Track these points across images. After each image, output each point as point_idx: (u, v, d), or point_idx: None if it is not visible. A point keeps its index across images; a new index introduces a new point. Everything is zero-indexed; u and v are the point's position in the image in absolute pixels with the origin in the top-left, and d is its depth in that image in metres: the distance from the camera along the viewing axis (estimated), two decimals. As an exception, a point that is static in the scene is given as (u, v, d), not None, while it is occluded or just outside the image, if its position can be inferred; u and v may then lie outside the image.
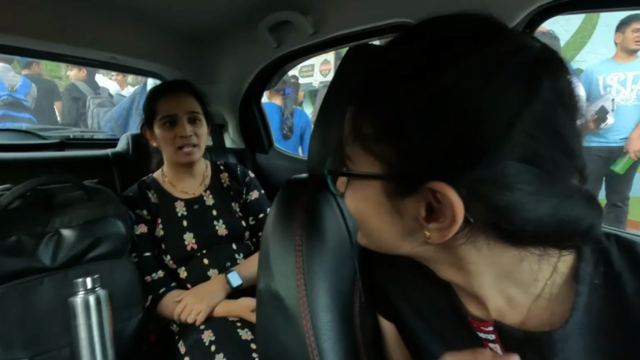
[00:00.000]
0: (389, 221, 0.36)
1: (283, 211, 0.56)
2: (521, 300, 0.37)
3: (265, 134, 1.63)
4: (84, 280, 0.79)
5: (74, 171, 1.11)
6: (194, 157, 1.09)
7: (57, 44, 1.13)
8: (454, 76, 0.29)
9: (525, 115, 0.28)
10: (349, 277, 0.54)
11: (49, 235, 0.85)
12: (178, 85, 1.13)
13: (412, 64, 0.31)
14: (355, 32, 1.01)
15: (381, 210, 0.36)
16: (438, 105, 0.29)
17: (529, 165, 0.29)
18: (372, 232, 0.39)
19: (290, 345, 0.49)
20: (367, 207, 0.37)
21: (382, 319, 0.54)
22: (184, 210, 1.11)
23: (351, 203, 0.40)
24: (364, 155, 0.35)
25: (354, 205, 0.39)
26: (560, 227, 0.31)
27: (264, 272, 0.55)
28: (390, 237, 0.37)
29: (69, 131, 1.64)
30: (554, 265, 0.35)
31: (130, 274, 0.95)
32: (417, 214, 0.33)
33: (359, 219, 0.40)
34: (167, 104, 1.07)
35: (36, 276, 0.82)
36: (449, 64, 0.29)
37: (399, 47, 0.35)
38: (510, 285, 0.36)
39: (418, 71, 0.30)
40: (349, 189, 0.39)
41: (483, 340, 0.40)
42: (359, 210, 0.39)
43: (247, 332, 0.91)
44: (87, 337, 0.78)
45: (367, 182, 0.36)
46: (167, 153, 1.12)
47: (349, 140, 0.37)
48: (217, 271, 1.07)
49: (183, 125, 1.06)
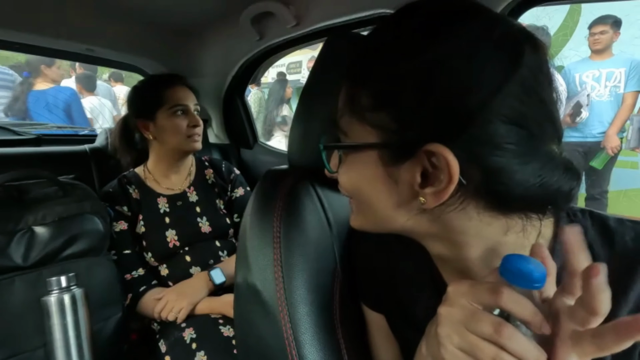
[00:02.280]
0: (385, 191, 0.36)
1: (262, 203, 0.54)
2: None
3: (250, 129, 1.61)
4: (58, 278, 0.76)
5: (50, 167, 1.07)
6: (199, 144, 1.10)
7: (28, 34, 1.08)
8: (445, 46, 0.31)
9: (512, 79, 0.30)
10: (329, 268, 0.53)
11: (20, 233, 0.82)
12: (180, 78, 1.13)
13: (406, 37, 0.34)
14: (337, 23, 1.00)
15: (377, 180, 0.36)
16: (433, 72, 0.31)
17: (517, 127, 0.31)
18: (368, 206, 0.39)
19: (268, 339, 0.48)
20: (363, 180, 0.38)
21: (369, 312, 0.54)
22: (166, 207, 1.08)
23: (347, 179, 0.40)
24: (360, 126, 0.36)
25: (350, 180, 0.39)
26: (544, 190, 0.33)
27: (242, 264, 0.54)
28: (386, 208, 0.38)
29: (45, 127, 1.59)
30: (534, 238, 0.38)
31: (109, 272, 0.92)
32: (413, 179, 0.34)
33: (355, 194, 0.40)
34: (177, 94, 1.07)
35: (7, 275, 0.78)
36: (440, 35, 0.32)
37: (391, 25, 0.36)
38: (495, 258, 0.37)
39: (412, 43, 0.33)
40: (344, 165, 0.40)
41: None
42: (355, 185, 0.39)
43: (229, 329, 0.90)
44: (62, 337, 0.76)
45: (363, 154, 0.37)
46: (172, 143, 1.07)
47: (344, 113, 0.38)
48: (199, 269, 1.05)
49: (194, 115, 1.08)
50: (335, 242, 0.55)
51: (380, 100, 0.34)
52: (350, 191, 0.40)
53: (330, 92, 0.55)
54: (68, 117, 2.69)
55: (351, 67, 0.38)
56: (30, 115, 2.63)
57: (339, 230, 0.56)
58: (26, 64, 2.76)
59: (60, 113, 2.66)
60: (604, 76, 2.47)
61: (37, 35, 1.12)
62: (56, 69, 2.76)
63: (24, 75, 2.73)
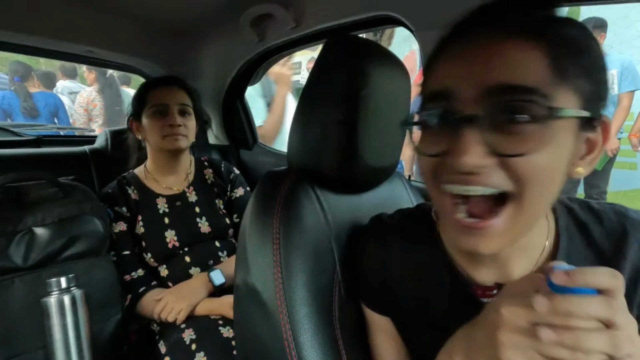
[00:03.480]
0: (565, 164, 0.35)
1: (261, 204, 0.55)
2: (533, 258, 0.42)
3: (249, 130, 1.61)
4: (58, 279, 0.76)
5: (50, 168, 1.07)
6: (180, 143, 1.07)
7: (29, 36, 1.08)
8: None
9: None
10: (328, 269, 0.53)
11: (20, 234, 0.82)
12: (170, 78, 1.13)
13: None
14: (336, 25, 1.00)
15: (566, 152, 0.34)
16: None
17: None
18: (551, 188, 0.35)
19: (267, 340, 0.48)
20: (559, 151, 0.34)
21: (372, 314, 0.54)
22: (165, 207, 1.09)
23: (546, 155, 0.33)
24: (563, 92, 0.33)
25: (549, 156, 0.33)
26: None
27: (241, 265, 0.54)
28: (557, 188, 0.36)
29: (44, 128, 1.59)
30: (547, 220, 0.42)
31: (109, 273, 0.92)
32: (580, 148, 0.36)
33: (547, 176, 0.34)
34: (158, 94, 1.07)
35: (7, 276, 0.78)
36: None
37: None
38: (528, 246, 0.42)
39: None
40: (537, 141, 0.32)
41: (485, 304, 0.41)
42: (552, 160, 0.33)
43: (228, 330, 0.90)
44: (62, 338, 0.76)
45: (563, 122, 0.33)
46: (153, 142, 1.09)
47: (544, 79, 0.32)
48: (199, 269, 1.05)
49: (173, 115, 1.06)
50: (334, 243, 0.55)
51: (587, 68, 0.34)
52: (543, 174, 0.34)
53: (330, 94, 0.56)
54: (54, 120, 2.87)
55: (554, 32, 0.34)
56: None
57: (337, 232, 0.56)
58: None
59: (49, 115, 2.83)
60: None
61: (37, 37, 1.12)
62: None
63: (15, 80, 2.85)
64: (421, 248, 0.48)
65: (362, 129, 0.55)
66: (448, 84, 0.35)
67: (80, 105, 3.01)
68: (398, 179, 0.74)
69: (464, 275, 0.45)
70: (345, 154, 0.56)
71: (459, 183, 0.35)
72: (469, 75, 0.34)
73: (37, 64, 4.14)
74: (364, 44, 0.56)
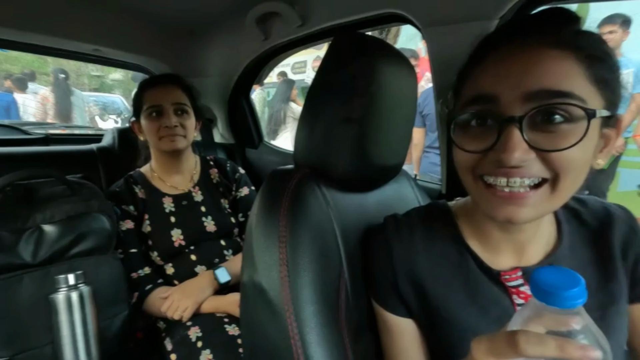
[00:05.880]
0: (592, 155, 0.41)
1: (267, 202, 0.55)
2: (544, 242, 0.50)
3: (255, 129, 1.61)
4: (66, 276, 0.77)
5: (58, 166, 1.08)
6: (177, 144, 1.06)
7: (36, 35, 1.09)
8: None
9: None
10: (335, 268, 0.53)
11: (29, 231, 0.83)
12: (165, 77, 1.12)
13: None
14: (343, 23, 1.00)
15: (593, 146, 0.40)
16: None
17: None
18: (581, 177, 0.41)
19: (274, 338, 0.48)
20: (591, 147, 0.40)
21: (390, 317, 0.53)
22: (172, 206, 1.09)
23: (582, 150, 0.38)
24: (595, 95, 0.39)
25: (584, 151, 0.39)
26: None
27: (248, 264, 0.54)
28: (583, 175, 0.41)
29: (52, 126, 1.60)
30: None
31: (116, 271, 0.93)
32: (600, 143, 0.41)
33: (580, 167, 0.40)
34: (153, 95, 1.06)
35: (16, 273, 0.79)
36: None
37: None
38: (540, 230, 0.49)
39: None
40: (575, 137, 0.38)
41: (510, 288, 0.48)
42: (586, 154, 0.40)
43: (234, 328, 0.90)
44: (69, 334, 0.77)
45: (595, 121, 0.38)
46: (152, 143, 1.10)
47: (580, 84, 0.38)
48: (204, 267, 1.05)
49: (169, 116, 1.04)
50: (341, 241, 0.55)
51: (610, 77, 0.39)
52: (579, 165, 0.40)
53: (337, 93, 0.55)
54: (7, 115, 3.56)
55: (588, 42, 0.40)
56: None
57: (344, 230, 0.56)
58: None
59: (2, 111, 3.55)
60: None
61: (44, 36, 1.13)
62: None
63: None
64: (443, 242, 0.52)
65: (369, 127, 0.55)
66: (491, 89, 0.40)
67: (38, 101, 3.73)
68: (405, 178, 0.74)
69: (487, 264, 0.49)
70: (352, 152, 0.55)
71: (501, 175, 0.40)
72: (510, 81, 0.39)
73: (44, 64, 4.50)
74: (372, 42, 0.55)
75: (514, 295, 0.48)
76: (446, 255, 0.51)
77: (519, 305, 0.48)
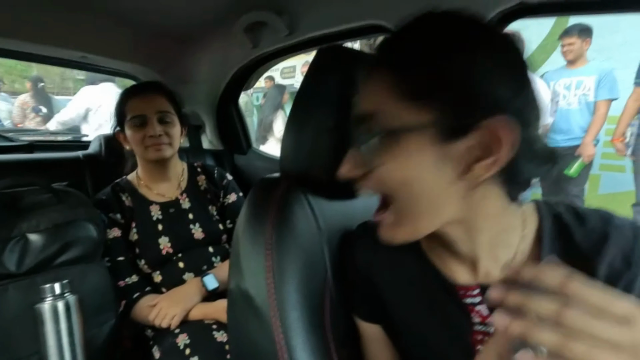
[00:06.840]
0: (437, 172, 0.37)
1: (254, 210, 0.56)
2: (504, 259, 0.44)
3: (244, 135, 1.62)
4: (51, 285, 0.76)
5: (43, 174, 1.07)
6: (163, 152, 1.06)
7: (22, 42, 1.09)
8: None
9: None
10: (320, 274, 0.54)
11: (14, 240, 0.82)
12: (147, 85, 1.12)
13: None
14: (329, 33, 1.02)
15: (429, 162, 0.37)
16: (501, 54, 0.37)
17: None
18: (416, 199, 0.39)
19: (260, 344, 0.49)
20: (415, 165, 0.38)
21: (362, 323, 0.55)
22: (159, 214, 1.09)
23: (394, 169, 0.38)
24: (410, 110, 0.37)
25: (399, 170, 0.38)
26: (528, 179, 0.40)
27: (235, 271, 0.55)
28: (436, 195, 0.39)
29: (38, 133, 1.58)
30: (524, 224, 0.44)
31: (103, 279, 0.93)
32: (469, 153, 0.36)
33: (401, 187, 0.39)
34: (136, 104, 1.05)
35: (1, 283, 0.79)
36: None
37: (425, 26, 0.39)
38: (499, 246, 0.44)
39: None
40: (386, 156, 0.38)
41: (468, 305, 0.45)
42: (405, 174, 0.38)
43: (222, 334, 0.91)
44: (56, 344, 0.76)
45: (415, 136, 0.37)
46: (138, 153, 1.10)
47: (386, 100, 0.38)
48: (192, 275, 1.05)
49: (153, 125, 1.04)
50: (326, 248, 0.56)
51: (436, 84, 0.36)
52: (396, 184, 0.39)
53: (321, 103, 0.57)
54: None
55: (396, 57, 0.39)
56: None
57: (329, 237, 0.57)
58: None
59: None
60: (573, 84, 2.52)
61: (30, 43, 1.12)
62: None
63: None
64: (406, 252, 0.50)
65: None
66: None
67: (18, 105, 3.85)
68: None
69: (446, 277, 0.48)
70: (337, 160, 0.57)
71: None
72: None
73: (29, 69, 4.51)
74: (353, 54, 0.58)
75: (473, 314, 0.45)
76: (407, 266, 0.50)
77: (475, 324, 0.45)
